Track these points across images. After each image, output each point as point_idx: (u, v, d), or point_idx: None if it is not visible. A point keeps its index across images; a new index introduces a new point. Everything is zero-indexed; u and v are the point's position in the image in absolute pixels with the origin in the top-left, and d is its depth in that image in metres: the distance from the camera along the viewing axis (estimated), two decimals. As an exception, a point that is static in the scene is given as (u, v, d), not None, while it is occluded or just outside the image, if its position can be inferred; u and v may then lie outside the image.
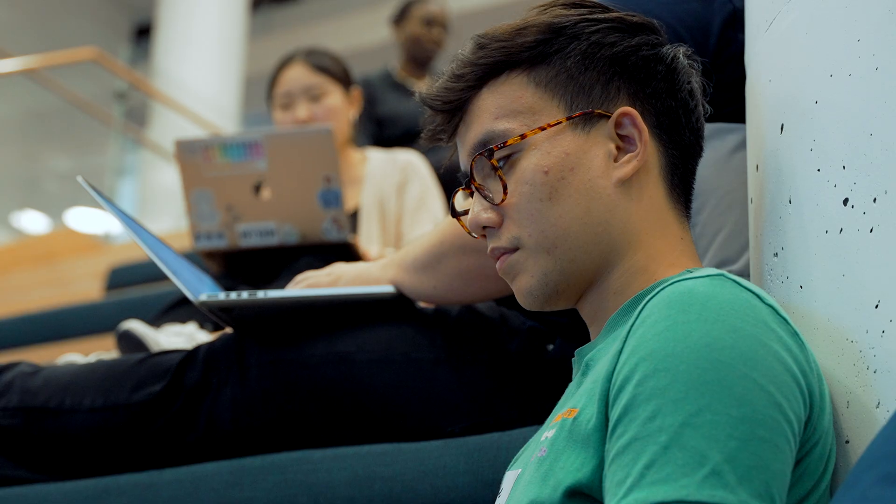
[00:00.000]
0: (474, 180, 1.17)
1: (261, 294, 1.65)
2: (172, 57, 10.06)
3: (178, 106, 8.55)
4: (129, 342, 1.98)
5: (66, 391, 1.72)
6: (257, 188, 2.38)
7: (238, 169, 2.36)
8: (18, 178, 12.32)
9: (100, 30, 12.76)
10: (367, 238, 2.74)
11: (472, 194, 1.19)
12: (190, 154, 2.36)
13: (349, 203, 2.85)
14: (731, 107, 1.46)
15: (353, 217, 2.82)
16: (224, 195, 2.39)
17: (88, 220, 9.60)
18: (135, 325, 1.98)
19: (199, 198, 2.40)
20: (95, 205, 1.68)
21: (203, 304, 1.65)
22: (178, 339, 2.05)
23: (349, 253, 2.46)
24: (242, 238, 2.42)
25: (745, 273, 1.42)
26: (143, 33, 13.00)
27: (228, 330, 1.78)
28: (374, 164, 2.92)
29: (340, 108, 2.88)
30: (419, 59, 4.56)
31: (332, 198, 2.38)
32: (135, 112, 9.44)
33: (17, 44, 9.35)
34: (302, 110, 2.85)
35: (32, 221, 11.96)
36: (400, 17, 4.68)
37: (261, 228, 2.41)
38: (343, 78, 2.92)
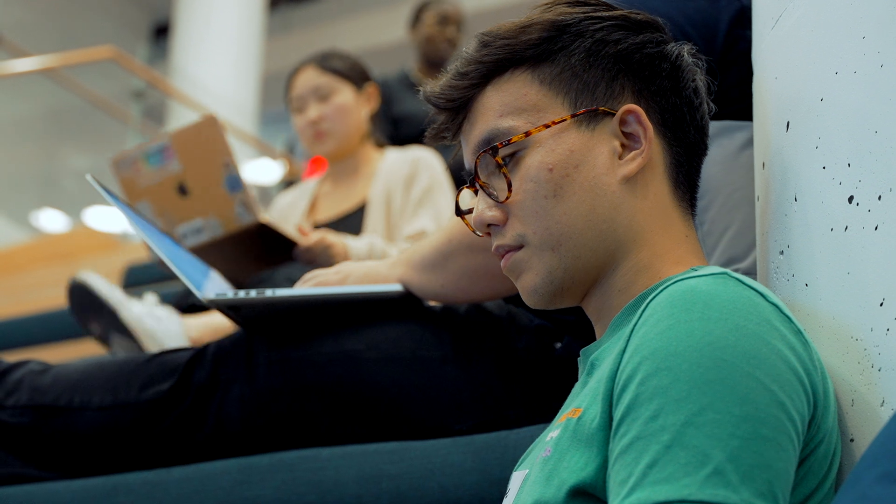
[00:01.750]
0: (479, 178, 1.17)
1: (269, 292, 1.65)
2: (190, 55, 10.09)
3: (195, 104, 8.57)
4: (81, 297, 2.01)
5: (75, 389, 1.72)
6: (180, 189, 2.43)
7: (160, 174, 2.43)
8: (37, 177, 12.38)
9: (118, 29, 12.80)
10: (372, 232, 2.76)
11: (476, 192, 1.19)
12: (125, 169, 2.43)
13: (358, 197, 2.87)
14: (739, 104, 1.46)
15: (361, 211, 2.83)
16: (159, 203, 2.45)
17: (106, 218, 9.63)
18: (92, 279, 2.01)
19: (142, 210, 2.46)
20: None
21: (211, 302, 1.65)
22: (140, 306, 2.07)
23: (272, 235, 2.49)
24: (182, 241, 2.47)
25: (753, 271, 1.41)
26: (162, 32, 13.04)
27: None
28: (389, 160, 2.95)
29: (351, 106, 2.92)
30: (433, 59, 4.56)
31: (234, 182, 2.43)
32: (153, 111, 9.47)
33: (36, 43, 9.39)
34: (312, 111, 2.90)
35: (51, 220, 12.01)
36: (415, 19, 4.69)
37: (192, 227, 2.47)
38: (353, 76, 2.96)
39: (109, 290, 2.00)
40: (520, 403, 1.61)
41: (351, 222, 2.83)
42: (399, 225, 2.78)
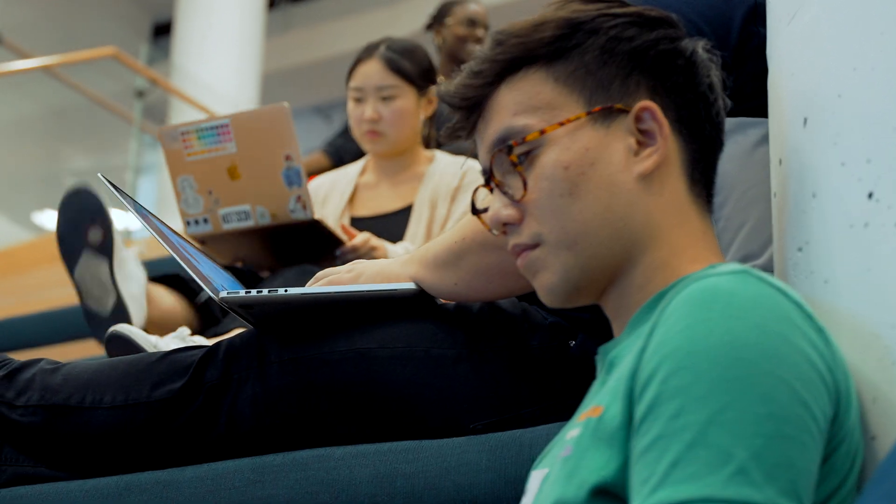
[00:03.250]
0: (494, 177, 1.16)
1: (281, 291, 1.65)
2: (192, 55, 10.10)
3: (196, 103, 8.57)
4: (119, 345, 2.03)
5: (87, 388, 1.72)
6: (230, 171, 2.43)
7: (212, 153, 2.44)
8: (38, 177, 12.37)
9: (120, 28, 12.80)
10: (412, 237, 2.74)
11: (492, 191, 1.19)
12: (171, 141, 2.45)
13: (404, 198, 2.85)
14: (752, 101, 1.45)
15: (405, 212, 2.82)
16: (204, 180, 2.46)
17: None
18: (123, 328, 2.02)
19: (184, 184, 2.49)
20: (115, 203, 1.70)
21: (224, 300, 1.65)
22: (174, 341, 2.09)
23: (319, 232, 2.50)
24: (224, 222, 2.50)
25: (769, 268, 1.41)
26: (163, 31, 13.04)
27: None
28: (439, 165, 2.92)
29: (410, 111, 2.87)
30: (461, 61, 4.52)
31: (293, 176, 2.43)
32: (154, 110, 9.46)
33: (38, 44, 9.38)
34: (370, 108, 2.84)
35: (52, 220, 11.99)
36: (440, 19, 4.63)
37: (238, 211, 2.49)
38: (419, 80, 2.90)
39: (147, 343, 2.03)
40: (534, 401, 1.61)
41: (394, 222, 2.81)
42: (437, 234, 2.76)
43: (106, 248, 2.12)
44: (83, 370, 1.76)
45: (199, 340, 2.11)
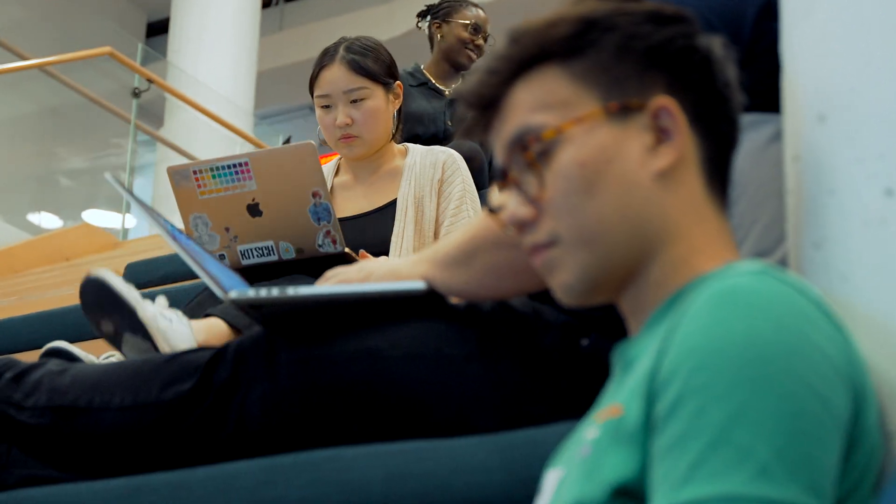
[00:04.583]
0: (510, 175, 1.16)
1: (291, 291, 1.64)
2: (187, 53, 10.11)
3: (192, 102, 8.57)
4: (96, 294, 1.97)
5: (95, 389, 1.72)
6: (250, 208, 2.39)
7: (229, 191, 2.39)
8: (34, 176, 12.37)
9: (115, 28, 12.80)
10: (399, 234, 2.73)
11: (508, 189, 1.18)
12: (183, 180, 2.39)
13: (384, 196, 2.84)
14: (765, 98, 1.45)
15: (387, 208, 2.81)
16: (220, 217, 2.41)
17: (105, 217, 9.64)
18: (109, 276, 1.96)
19: (197, 222, 2.44)
20: (112, 204, 1.70)
21: (234, 301, 1.65)
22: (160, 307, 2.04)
23: (345, 262, 2.46)
24: (243, 258, 2.45)
25: (782, 264, 1.41)
26: (159, 30, 13.04)
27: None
28: (415, 156, 2.90)
29: (381, 109, 2.84)
30: (456, 63, 4.50)
31: (322, 212, 2.39)
32: (150, 109, 9.46)
33: (35, 44, 9.38)
34: (341, 114, 2.81)
35: (49, 220, 11.98)
36: (445, 15, 4.60)
37: (259, 247, 2.44)
38: (384, 77, 2.87)
39: (127, 288, 1.97)
40: (545, 401, 1.60)
41: (377, 220, 2.79)
42: (426, 230, 2.75)
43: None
44: (91, 371, 1.76)
45: (173, 315, 2.07)
